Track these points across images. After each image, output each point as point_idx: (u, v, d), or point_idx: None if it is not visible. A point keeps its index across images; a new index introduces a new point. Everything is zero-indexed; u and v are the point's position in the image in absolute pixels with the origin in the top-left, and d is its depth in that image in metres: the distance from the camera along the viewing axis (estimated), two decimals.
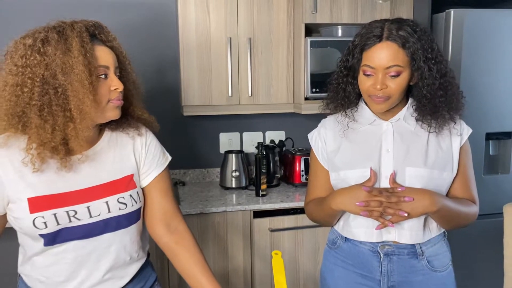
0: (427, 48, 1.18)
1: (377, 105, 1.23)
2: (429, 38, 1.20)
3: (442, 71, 1.21)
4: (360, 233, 1.30)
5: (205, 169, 2.61)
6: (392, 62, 1.16)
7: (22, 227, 1.04)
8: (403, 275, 1.27)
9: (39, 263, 1.09)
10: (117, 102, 1.07)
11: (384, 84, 1.18)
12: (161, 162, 1.22)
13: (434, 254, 1.28)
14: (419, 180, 1.22)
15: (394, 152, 1.26)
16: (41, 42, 0.97)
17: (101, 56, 1.03)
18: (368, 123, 1.31)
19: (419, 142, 1.26)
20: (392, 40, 1.17)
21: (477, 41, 2.20)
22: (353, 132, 1.32)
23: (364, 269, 1.31)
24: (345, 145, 1.32)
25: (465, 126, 1.30)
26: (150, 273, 1.26)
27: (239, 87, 2.27)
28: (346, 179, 1.29)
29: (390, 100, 1.21)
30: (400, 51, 1.16)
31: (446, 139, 1.27)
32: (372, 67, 1.19)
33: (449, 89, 1.22)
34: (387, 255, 1.27)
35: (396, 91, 1.19)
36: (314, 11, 2.19)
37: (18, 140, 1.03)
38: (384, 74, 1.18)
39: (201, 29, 2.19)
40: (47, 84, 0.97)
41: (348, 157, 1.30)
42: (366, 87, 1.22)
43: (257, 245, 2.15)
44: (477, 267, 2.33)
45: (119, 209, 1.10)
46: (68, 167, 1.03)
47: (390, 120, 1.29)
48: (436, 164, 1.24)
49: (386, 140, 1.27)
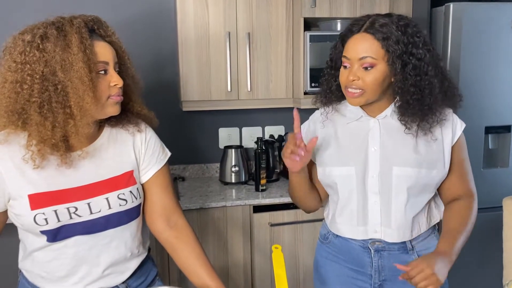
0: (408, 44, 1.13)
1: (351, 99, 1.19)
2: (414, 33, 1.15)
3: (422, 68, 1.14)
4: (346, 230, 1.30)
5: (204, 164, 2.61)
6: (365, 53, 1.13)
7: (23, 224, 1.04)
8: (394, 270, 1.26)
9: (39, 259, 1.09)
10: (117, 98, 1.06)
11: (356, 76, 1.15)
12: (160, 158, 1.22)
13: (424, 248, 1.28)
14: (406, 179, 1.20)
15: (380, 150, 1.23)
16: (40, 38, 0.97)
17: (100, 52, 1.02)
18: (355, 119, 1.28)
19: (407, 140, 1.22)
20: (368, 31, 1.14)
21: (476, 35, 2.19)
22: (341, 128, 1.30)
23: (355, 264, 1.31)
24: (333, 141, 1.30)
25: (459, 121, 1.26)
26: (151, 268, 1.27)
27: (238, 82, 2.27)
28: (330, 175, 1.28)
29: (365, 94, 1.17)
30: (375, 43, 1.13)
31: (437, 136, 1.23)
32: (348, 58, 1.17)
33: (426, 88, 1.15)
34: (378, 251, 1.27)
35: (370, 85, 1.15)
36: (313, 5, 2.18)
37: (18, 136, 1.02)
38: (358, 66, 1.15)
39: (199, 23, 2.18)
40: (47, 81, 0.97)
41: (334, 153, 1.28)
42: (342, 79, 1.20)
43: (257, 239, 2.16)
44: (476, 260, 2.34)
45: (120, 205, 1.11)
46: (68, 163, 1.03)
47: (377, 117, 1.25)
48: (425, 163, 1.21)
49: (373, 138, 1.24)
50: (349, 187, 1.26)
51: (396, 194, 1.22)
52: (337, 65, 1.24)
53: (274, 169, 2.46)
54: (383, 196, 1.24)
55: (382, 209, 1.24)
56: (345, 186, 1.27)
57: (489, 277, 2.30)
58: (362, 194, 1.25)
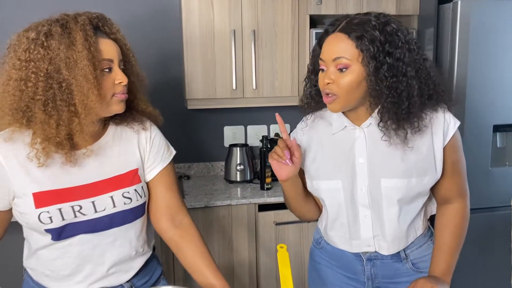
0: (384, 43, 1.04)
1: (328, 105, 1.12)
2: (394, 32, 1.06)
3: (400, 69, 1.05)
4: (339, 242, 1.27)
5: (209, 163, 2.60)
6: (337, 53, 1.06)
7: (28, 222, 1.04)
8: (388, 278, 1.25)
9: (44, 257, 1.09)
10: (122, 96, 1.06)
11: (331, 79, 1.07)
12: (165, 157, 1.21)
13: (419, 256, 1.24)
14: (396, 191, 1.14)
15: (368, 162, 1.16)
16: (45, 35, 0.96)
17: (105, 49, 1.01)
18: (340, 128, 1.19)
19: (394, 149, 1.13)
20: (342, 31, 1.07)
21: (484, 32, 2.17)
22: (326, 138, 1.22)
23: (348, 271, 1.28)
24: (319, 153, 1.23)
25: (452, 120, 1.16)
26: (155, 267, 1.26)
27: (243, 80, 2.26)
28: (318, 189, 1.23)
29: (339, 100, 1.09)
30: (349, 43, 1.05)
31: (427, 140, 1.14)
32: (323, 60, 1.09)
33: (403, 91, 1.06)
34: (370, 260, 1.25)
35: (344, 88, 1.07)
36: (319, 2, 2.16)
37: (23, 135, 1.02)
38: (333, 67, 1.07)
39: (204, 21, 2.17)
40: (51, 79, 0.96)
41: (321, 166, 1.22)
42: (320, 83, 1.12)
43: (262, 238, 2.15)
44: (484, 261, 2.32)
45: (124, 204, 1.10)
46: (73, 161, 1.03)
47: (361, 126, 1.17)
48: (415, 171, 1.13)
49: (359, 149, 1.17)
50: (338, 201, 1.20)
51: (387, 206, 1.17)
52: (316, 69, 1.16)
53: None
54: (374, 209, 1.18)
55: (374, 223, 1.19)
56: (333, 200, 1.21)
57: (497, 278, 2.28)
58: (352, 207, 1.20)
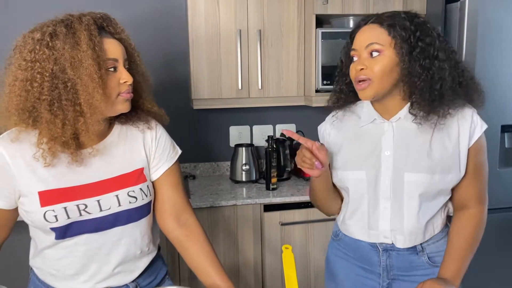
0: (415, 31, 1.11)
1: (360, 92, 1.16)
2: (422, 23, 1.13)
3: (431, 52, 1.11)
4: (356, 232, 1.28)
5: (215, 163, 2.60)
6: (370, 40, 1.13)
7: (33, 221, 1.05)
8: (403, 270, 1.25)
9: (50, 256, 1.09)
10: (127, 95, 1.06)
11: (364, 64, 1.13)
12: (171, 156, 1.21)
13: (436, 250, 1.24)
14: (419, 185, 1.17)
15: (393, 155, 1.19)
16: (50, 36, 0.97)
17: (109, 49, 1.02)
18: (369, 121, 1.24)
19: (421, 144, 1.17)
20: (375, 22, 1.15)
21: (492, 31, 2.14)
22: (355, 131, 1.26)
23: (364, 262, 1.30)
24: (346, 145, 1.27)
25: (479, 122, 1.18)
26: (161, 267, 1.26)
27: (249, 80, 2.25)
28: (342, 179, 1.27)
29: (373, 85, 1.13)
30: (382, 31, 1.13)
31: (453, 138, 1.17)
32: (356, 49, 1.16)
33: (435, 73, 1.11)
34: (386, 251, 1.25)
35: (377, 72, 1.12)
36: (325, 1, 2.15)
37: (29, 135, 1.03)
38: (366, 54, 1.14)
39: (210, 21, 2.17)
40: (57, 79, 0.97)
41: (347, 157, 1.26)
42: (352, 73, 1.17)
43: (267, 238, 2.14)
44: (493, 261, 2.29)
45: (129, 203, 1.10)
46: (79, 161, 1.03)
47: (391, 120, 1.21)
48: (439, 167, 1.16)
49: (386, 142, 1.20)
50: (360, 191, 1.24)
51: (408, 200, 1.19)
52: (346, 63, 1.22)
53: (285, 168, 2.44)
54: (394, 202, 1.21)
55: (392, 215, 1.21)
56: (356, 190, 1.25)
57: (507, 278, 2.26)
58: (374, 198, 1.23)
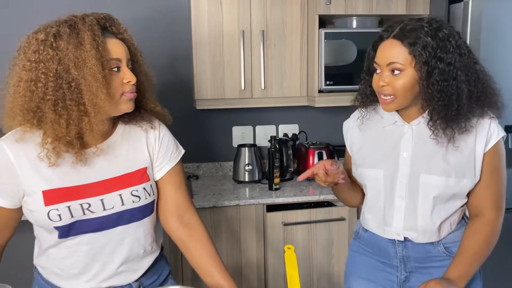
0: (436, 48, 1.12)
1: (383, 105, 1.21)
2: (445, 38, 1.13)
3: (451, 73, 1.12)
4: (373, 226, 1.34)
5: (218, 163, 2.61)
6: (391, 59, 1.15)
7: (37, 220, 1.05)
8: (420, 261, 1.28)
9: (54, 255, 1.10)
10: (130, 94, 1.07)
11: (385, 81, 1.16)
12: (174, 156, 1.22)
13: (452, 241, 1.26)
14: (434, 188, 1.20)
15: (411, 157, 1.23)
16: (53, 36, 0.97)
17: (113, 49, 1.02)
18: (391, 123, 1.29)
19: (437, 147, 1.21)
20: (396, 37, 1.15)
21: (496, 32, 2.14)
22: (377, 130, 1.32)
23: (382, 256, 1.34)
24: (367, 143, 1.33)
25: (496, 130, 1.20)
26: (164, 266, 1.27)
27: (252, 80, 2.26)
28: (361, 176, 1.33)
29: (396, 101, 1.17)
30: (402, 50, 1.13)
31: (470, 144, 1.19)
32: (378, 63, 1.19)
33: (453, 94, 1.12)
34: (402, 242, 1.28)
35: (399, 90, 1.15)
36: (328, 2, 2.15)
37: (34, 135, 1.03)
38: (387, 71, 1.16)
39: (213, 22, 2.18)
40: (61, 79, 0.97)
41: (367, 155, 1.31)
42: (374, 84, 1.21)
43: (270, 239, 2.15)
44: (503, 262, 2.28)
45: (133, 202, 1.11)
46: (83, 160, 1.04)
47: (411, 123, 1.25)
48: (453, 171, 1.19)
49: (406, 144, 1.25)
50: (377, 189, 1.29)
51: (422, 201, 1.22)
52: (371, 71, 1.26)
53: (288, 168, 2.44)
54: (409, 201, 1.24)
55: (406, 214, 1.25)
56: (374, 187, 1.30)
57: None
58: (390, 197, 1.27)
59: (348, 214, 2.18)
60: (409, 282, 1.30)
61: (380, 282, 1.34)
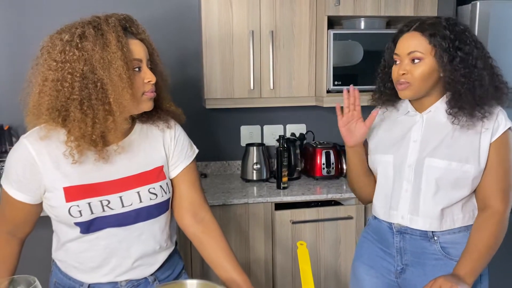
0: (454, 40, 1.20)
1: (400, 92, 1.28)
2: (462, 31, 1.22)
3: (471, 61, 1.20)
4: (380, 212, 1.39)
5: (226, 162, 2.63)
6: (412, 48, 1.23)
7: (58, 215, 1.08)
8: (416, 255, 1.31)
9: (72, 250, 1.13)
10: (151, 94, 1.09)
11: (405, 70, 1.24)
12: (189, 155, 1.25)
13: (451, 242, 1.28)
14: (436, 171, 1.25)
15: (421, 142, 1.30)
16: (79, 37, 0.99)
17: (134, 50, 1.05)
18: (404, 113, 1.37)
19: (444, 133, 1.27)
20: (417, 29, 1.24)
21: (504, 34, 2.15)
22: (391, 120, 1.40)
23: (383, 243, 1.39)
24: (381, 132, 1.41)
25: (503, 121, 1.24)
26: (177, 262, 1.30)
27: (260, 80, 2.28)
28: (374, 162, 1.40)
29: (412, 87, 1.24)
30: (423, 39, 1.22)
31: (476, 131, 1.24)
32: (398, 54, 1.26)
33: (476, 80, 1.20)
34: (400, 233, 1.33)
35: (417, 78, 1.23)
36: (337, 3, 2.17)
37: (58, 133, 1.06)
38: (407, 60, 1.24)
39: (223, 22, 2.21)
40: (87, 79, 1.00)
41: (379, 142, 1.39)
42: (394, 74, 1.29)
43: (278, 237, 2.17)
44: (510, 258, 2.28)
45: (150, 199, 1.14)
46: (105, 158, 1.06)
47: (423, 113, 1.32)
48: (456, 155, 1.23)
49: (416, 131, 1.32)
50: (387, 173, 1.35)
51: (426, 184, 1.27)
52: (390, 64, 1.33)
53: (296, 167, 2.47)
54: (414, 184, 1.29)
55: (411, 198, 1.30)
56: (384, 172, 1.37)
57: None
58: (398, 181, 1.33)
59: (356, 212, 2.21)
60: (405, 274, 1.34)
61: (379, 270, 1.39)
